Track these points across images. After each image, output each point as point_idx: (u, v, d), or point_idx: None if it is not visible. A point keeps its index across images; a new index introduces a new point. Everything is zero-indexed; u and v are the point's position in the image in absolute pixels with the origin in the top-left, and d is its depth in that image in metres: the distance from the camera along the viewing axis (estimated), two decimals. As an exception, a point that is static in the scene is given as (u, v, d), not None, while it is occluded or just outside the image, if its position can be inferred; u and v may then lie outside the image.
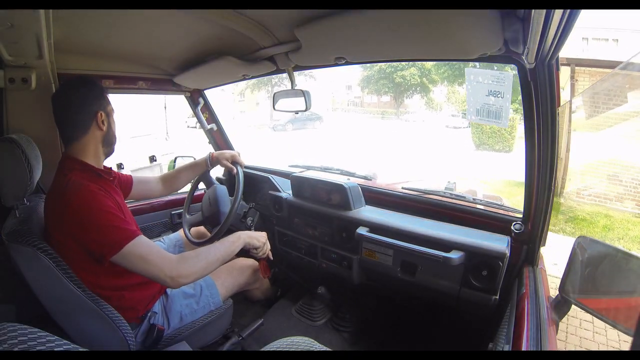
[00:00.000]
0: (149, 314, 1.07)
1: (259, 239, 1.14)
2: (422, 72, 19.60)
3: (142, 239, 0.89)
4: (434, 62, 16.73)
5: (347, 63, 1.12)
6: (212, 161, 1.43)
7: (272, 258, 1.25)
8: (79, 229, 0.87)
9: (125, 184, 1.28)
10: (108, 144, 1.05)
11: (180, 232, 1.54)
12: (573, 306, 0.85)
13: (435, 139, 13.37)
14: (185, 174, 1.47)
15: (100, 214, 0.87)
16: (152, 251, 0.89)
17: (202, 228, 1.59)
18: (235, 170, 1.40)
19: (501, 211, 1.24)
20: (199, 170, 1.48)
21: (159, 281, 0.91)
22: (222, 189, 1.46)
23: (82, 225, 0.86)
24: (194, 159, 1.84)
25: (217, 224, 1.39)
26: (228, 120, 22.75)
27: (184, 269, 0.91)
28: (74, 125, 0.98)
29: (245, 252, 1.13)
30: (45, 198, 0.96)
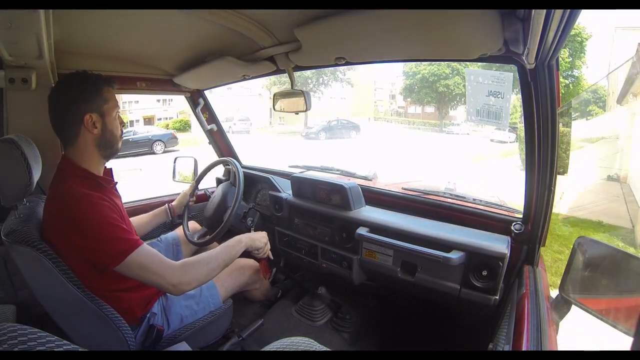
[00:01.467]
0: (148, 315, 1.07)
1: (260, 239, 1.14)
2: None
3: (144, 248, 0.89)
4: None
5: (347, 63, 1.12)
6: (172, 213, 1.48)
7: (272, 258, 1.25)
8: (81, 240, 0.86)
9: None
10: (105, 146, 0.99)
11: (177, 231, 1.54)
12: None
13: (478, 154, 12.24)
14: (145, 225, 1.42)
15: (103, 225, 0.86)
16: (153, 260, 0.89)
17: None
18: (232, 167, 1.43)
19: (501, 211, 1.24)
20: (159, 220, 1.46)
21: (161, 289, 0.91)
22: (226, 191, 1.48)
23: (84, 236, 0.85)
24: (195, 159, 1.85)
25: (218, 225, 1.39)
26: (264, 126, 21.94)
27: (186, 276, 0.90)
28: (63, 128, 0.95)
29: (246, 252, 1.13)
30: (46, 201, 0.95)
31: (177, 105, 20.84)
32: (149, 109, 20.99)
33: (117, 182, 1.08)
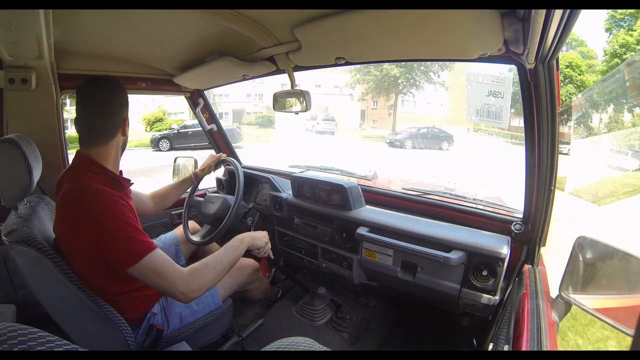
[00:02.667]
0: (148, 315, 1.07)
1: (262, 239, 1.14)
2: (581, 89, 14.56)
3: (158, 252, 0.88)
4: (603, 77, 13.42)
5: (347, 63, 1.12)
6: (197, 178, 1.52)
7: (272, 257, 1.24)
8: (98, 238, 0.85)
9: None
10: (123, 149, 1.05)
11: (176, 231, 1.53)
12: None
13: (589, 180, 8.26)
14: (173, 192, 1.49)
15: (123, 224, 0.86)
16: (166, 266, 0.88)
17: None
18: (232, 167, 1.45)
19: (501, 211, 1.24)
20: (186, 187, 1.53)
21: (170, 295, 0.90)
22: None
23: (102, 234, 0.85)
24: (195, 159, 1.85)
25: (218, 224, 1.39)
26: (353, 128, 20.03)
27: (195, 283, 0.90)
28: (103, 130, 0.96)
29: (246, 251, 1.13)
30: (59, 197, 0.94)
31: (267, 100, 20.20)
32: (239, 102, 20.71)
33: (132, 183, 1.10)
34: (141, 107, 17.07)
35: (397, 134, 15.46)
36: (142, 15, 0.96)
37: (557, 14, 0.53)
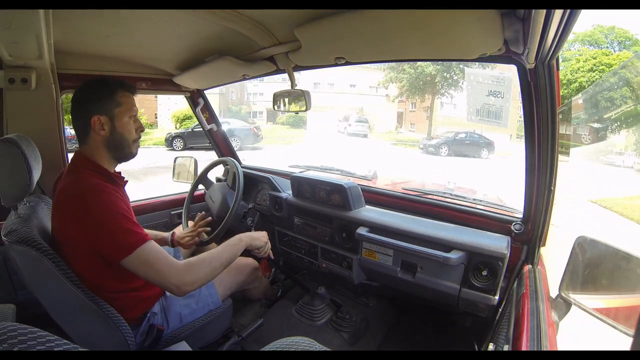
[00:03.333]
0: (148, 315, 1.07)
1: (261, 238, 1.14)
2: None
3: (151, 244, 0.89)
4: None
5: (347, 63, 1.12)
6: (173, 243, 1.40)
7: (273, 257, 1.24)
8: (93, 230, 0.86)
9: None
10: (114, 147, 0.99)
11: (175, 231, 1.53)
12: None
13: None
14: None
15: (116, 216, 0.87)
16: (160, 258, 0.89)
17: None
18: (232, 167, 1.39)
19: (501, 211, 1.24)
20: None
21: (164, 288, 0.91)
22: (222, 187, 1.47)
23: (95, 225, 0.86)
24: (194, 159, 1.85)
25: (218, 224, 1.39)
26: (388, 130, 18.58)
27: (189, 277, 0.91)
28: (77, 128, 0.98)
29: (246, 251, 1.13)
30: (56, 193, 0.95)
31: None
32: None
33: (127, 181, 1.09)
34: (172, 104, 16.97)
35: (431, 139, 14.11)
36: (142, 15, 0.96)
37: (557, 14, 0.53)
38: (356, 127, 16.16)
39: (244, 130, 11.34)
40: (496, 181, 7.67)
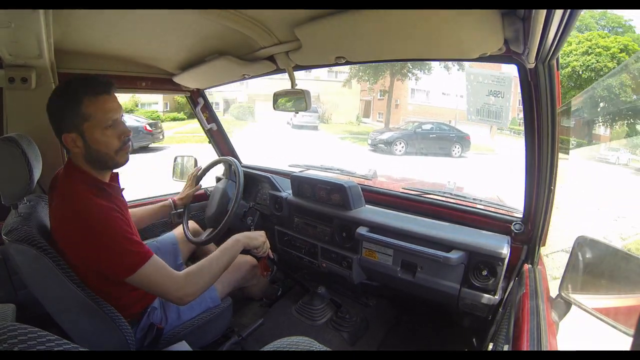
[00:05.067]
0: (148, 310, 1.07)
1: (258, 238, 1.14)
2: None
3: (153, 260, 0.88)
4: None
5: (347, 63, 1.12)
6: (175, 207, 1.44)
7: (272, 256, 1.24)
8: (93, 252, 0.85)
9: None
10: (96, 162, 0.92)
11: (175, 232, 1.53)
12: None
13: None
14: (147, 218, 1.41)
15: (116, 238, 0.85)
16: (161, 273, 0.89)
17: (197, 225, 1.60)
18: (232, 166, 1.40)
19: (501, 211, 1.24)
20: (163, 213, 1.45)
21: (166, 300, 0.92)
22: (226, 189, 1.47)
23: (96, 248, 0.84)
24: (194, 158, 1.85)
25: (218, 224, 1.39)
26: (348, 121, 16.27)
27: (190, 288, 0.91)
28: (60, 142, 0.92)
29: (245, 251, 1.13)
30: (53, 201, 0.93)
31: (252, 88, 16.93)
32: (233, 91, 18.46)
33: (123, 189, 1.06)
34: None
35: (382, 133, 10.93)
36: (142, 15, 0.96)
37: (558, 13, 0.53)
38: (303, 119, 13.65)
39: (134, 128, 8.53)
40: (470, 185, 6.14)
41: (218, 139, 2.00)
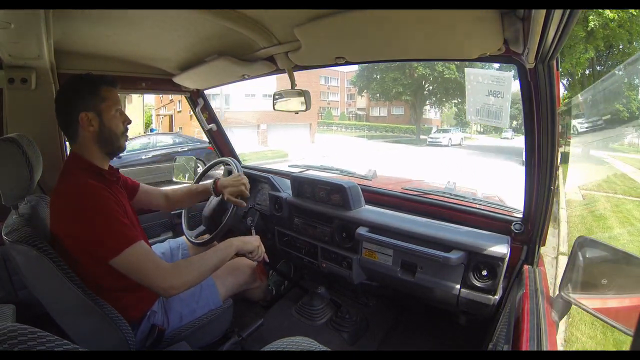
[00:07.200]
0: (148, 314, 1.07)
1: (252, 242, 1.14)
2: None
3: (140, 245, 0.89)
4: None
5: (347, 63, 1.12)
6: (216, 191, 1.39)
7: (267, 260, 1.24)
8: (81, 229, 0.87)
9: (131, 189, 1.27)
10: (104, 142, 1.00)
11: (183, 237, 1.54)
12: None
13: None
14: (189, 199, 1.46)
15: (104, 216, 0.88)
16: (147, 259, 0.90)
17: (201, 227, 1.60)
18: (242, 205, 1.35)
19: (501, 211, 1.24)
20: (204, 197, 1.48)
21: (151, 289, 0.91)
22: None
23: (85, 226, 0.86)
24: (195, 158, 1.85)
25: (218, 224, 1.39)
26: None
27: (176, 280, 0.91)
28: (65, 127, 1.00)
29: (240, 254, 1.13)
30: (52, 195, 0.95)
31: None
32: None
33: (119, 176, 1.10)
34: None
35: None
36: (142, 15, 0.96)
37: (557, 14, 0.53)
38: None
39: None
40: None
41: (218, 139, 2.00)
